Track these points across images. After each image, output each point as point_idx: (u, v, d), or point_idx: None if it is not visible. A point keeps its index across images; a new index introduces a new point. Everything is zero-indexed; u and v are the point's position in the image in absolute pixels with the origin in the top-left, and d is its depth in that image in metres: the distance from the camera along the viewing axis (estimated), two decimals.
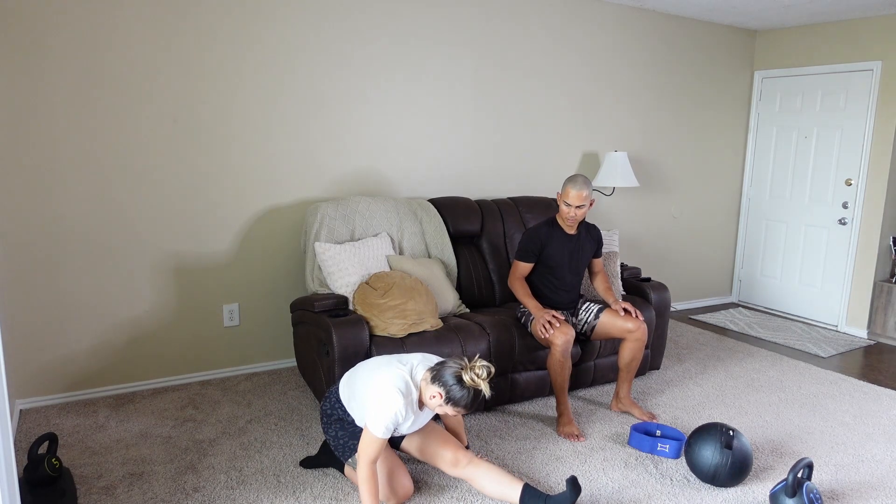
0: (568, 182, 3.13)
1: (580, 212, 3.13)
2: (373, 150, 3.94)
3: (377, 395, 2.25)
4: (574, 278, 3.31)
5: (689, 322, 5.13)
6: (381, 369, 2.35)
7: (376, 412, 2.23)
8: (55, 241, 3.22)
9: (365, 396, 2.34)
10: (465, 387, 2.21)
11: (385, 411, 2.22)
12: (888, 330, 4.74)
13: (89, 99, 3.18)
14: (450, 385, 2.22)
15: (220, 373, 3.74)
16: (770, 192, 5.52)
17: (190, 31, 3.34)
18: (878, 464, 2.90)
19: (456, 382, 2.21)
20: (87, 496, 2.48)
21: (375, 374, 2.34)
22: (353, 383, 2.45)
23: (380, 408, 2.23)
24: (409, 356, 2.44)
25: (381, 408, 2.23)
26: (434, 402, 2.27)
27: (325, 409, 2.58)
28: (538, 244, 3.22)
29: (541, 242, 3.22)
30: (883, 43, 4.66)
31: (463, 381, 2.21)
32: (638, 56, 4.84)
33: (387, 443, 2.55)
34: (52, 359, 3.30)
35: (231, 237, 3.64)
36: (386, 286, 3.13)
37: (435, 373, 2.27)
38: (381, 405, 2.23)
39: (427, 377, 2.29)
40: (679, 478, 2.74)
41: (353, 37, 3.76)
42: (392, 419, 2.23)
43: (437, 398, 2.25)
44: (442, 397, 2.24)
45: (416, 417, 2.35)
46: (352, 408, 2.46)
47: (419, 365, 2.38)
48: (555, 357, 3.07)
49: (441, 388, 2.23)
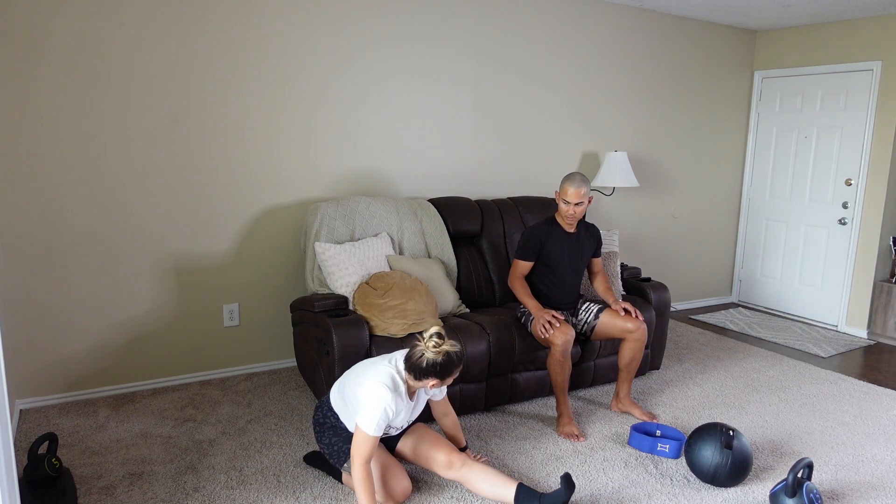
0: (566, 180, 3.14)
1: (579, 209, 3.14)
2: (373, 150, 3.94)
3: (366, 394, 2.30)
4: (574, 277, 3.31)
5: (689, 322, 5.13)
6: (367, 371, 2.40)
7: (366, 410, 2.27)
8: (55, 240, 3.22)
9: (355, 399, 2.38)
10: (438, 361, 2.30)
11: (374, 407, 2.26)
12: (888, 330, 4.74)
13: (89, 99, 3.18)
14: (431, 368, 2.29)
15: (220, 373, 3.74)
16: (770, 192, 5.52)
17: (191, 32, 3.34)
18: (878, 464, 2.90)
19: (432, 363, 2.29)
20: (87, 496, 2.48)
21: (362, 378, 2.39)
22: (343, 390, 2.48)
23: (369, 405, 2.27)
24: (391, 354, 2.50)
25: (369, 405, 2.27)
26: (434, 389, 2.44)
27: (318, 419, 2.59)
28: (538, 242, 3.22)
29: (540, 241, 3.22)
30: (883, 43, 4.66)
31: (436, 359, 2.29)
32: (638, 56, 4.84)
33: (381, 443, 2.56)
34: (52, 359, 3.30)
35: (231, 237, 3.64)
36: (386, 286, 3.13)
37: (413, 368, 2.32)
38: (369, 402, 2.27)
39: (409, 377, 2.35)
40: (679, 478, 2.74)
41: (354, 38, 3.76)
42: (382, 414, 2.26)
43: (433, 384, 2.33)
44: (438, 382, 2.33)
45: (406, 410, 2.40)
46: (344, 415, 2.48)
47: (402, 358, 2.42)
48: (555, 357, 3.07)
49: (430, 376, 2.31)
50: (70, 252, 3.26)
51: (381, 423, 2.27)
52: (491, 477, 2.43)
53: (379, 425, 2.26)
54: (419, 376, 2.31)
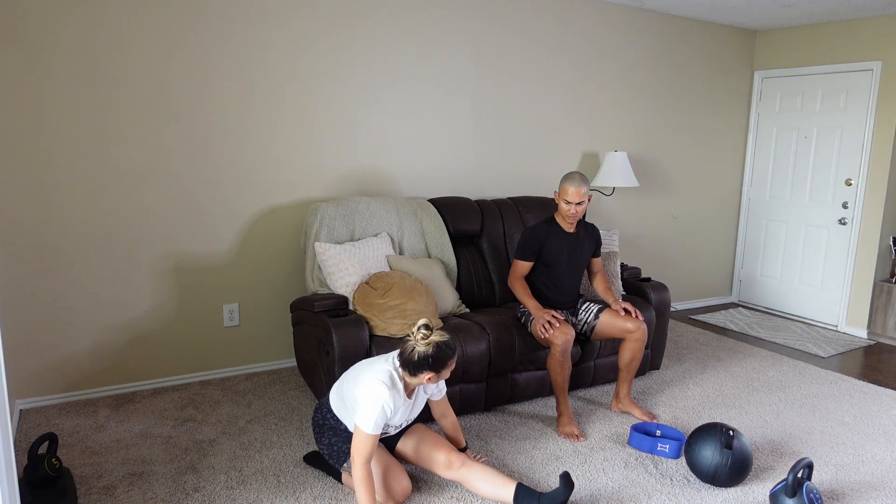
0: (565, 180, 3.14)
1: (580, 208, 3.14)
2: (373, 150, 3.94)
3: (363, 393, 2.31)
4: (573, 277, 3.31)
5: (689, 322, 5.13)
6: (365, 371, 2.41)
7: (364, 408, 2.28)
8: (55, 240, 3.22)
9: (353, 399, 2.39)
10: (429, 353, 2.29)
11: (372, 405, 2.27)
12: (888, 330, 4.74)
13: (89, 99, 3.18)
14: (424, 361, 2.29)
15: (220, 373, 3.74)
16: (770, 192, 5.52)
17: (191, 32, 3.34)
18: (878, 464, 2.90)
19: (423, 355, 2.28)
20: (87, 496, 2.48)
21: (360, 377, 2.40)
22: (342, 390, 2.50)
23: (366, 403, 2.28)
24: (388, 353, 2.50)
25: (367, 403, 2.28)
26: (431, 383, 2.37)
27: (317, 420, 2.61)
28: (537, 242, 3.22)
29: (539, 241, 3.22)
30: (883, 43, 4.66)
31: (427, 351, 2.29)
32: (638, 56, 4.84)
33: (381, 444, 2.56)
34: (52, 359, 3.30)
35: (231, 237, 3.64)
36: (386, 286, 3.13)
37: (407, 364, 2.32)
38: (367, 400, 2.28)
39: (405, 374, 2.35)
40: (679, 478, 2.74)
41: (354, 39, 3.76)
42: (380, 412, 2.27)
43: (429, 377, 2.32)
44: (433, 376, 2.33)
45: (405, 408, 2.41)
46: (343, 415, 2.49)
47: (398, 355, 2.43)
48: (554, 357, 3.07)
49: (424, 369, 2.30)
50: (70, 252, 3.26)
51: (380, 422, 2.27)
52: (490, 476, 2.43)
53: (377, 423, 2.26)
54: (414, 371, 2.32)
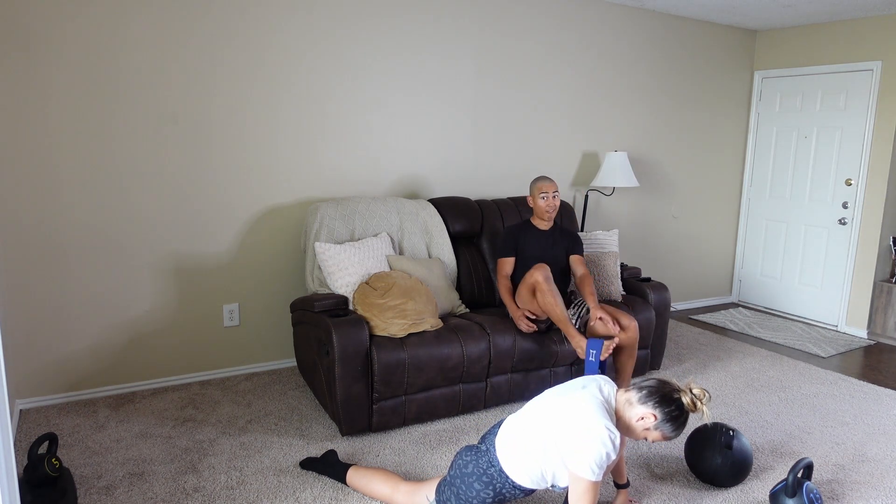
0: (537, 180, 3.45)
1: (556, 201, 3.45)
2: (373, 150, 3.94)
3: (585, 431, 1.93)
4: (554, 272, 3.43)
5: (689, 322, 5.12)
6: (569, 402, 2.01)
7: (588, 453, 1.90)
8: (55, 240, 3.22)
9: (562, 440, 1.99)
10: (684, 410, 2.01)
11: (598, 448, 1.90)
12: (888, 330, 4.74)
13: (89, 100, 3.18)
14: (669, 406, 1.98)
15: (220, 373, 3.74)
16: (770, 192, 5.52)
17: (192, 33, 3.34)
18: (878, 464, 2.90)
19: (675, 403, 1.99)
20: (87, 496, 2.48)
21: (567, 412, 2.00)
22: (524, 440, 2.09)
23: (591, 446, 1.90)
24: (575, 381, 2.18)
25: (592, 446, 1.90)
26: (641, 425, 2.01)
27: (471, 468, 2.13)
28: (513, 238, 3.47)
29: (515, 236, 3.47)
30: (883, 43, 4.66)
31: (682, 403, 2.00)
32: (638, 56, 4.84)
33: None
34: (52, 359, 3.30)
35: (231, 237, 3.64)
36: (386, 286, 3.13)
37: (648, 392, 2.02)
38: (592, 442, 1.90)
39: (632, 398, 2.03)
40: (679, 478, 2.74)
41: (354, 40, 3.76)
42: (607, 456, 1.92)
43: (647, 419, 2.00)
44: (656, 419, 1.99)
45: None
46: (517, 465, 2.09)
47: (604, 384, 2.11)
48: (542, 290, 3.15)
49: (656, 409, 1.99)
50: (70, 252, 3.26)
51: (604, 466, 1.93)
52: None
53: (603, 469, 1.93)
54: (649, 401, 1.99)
